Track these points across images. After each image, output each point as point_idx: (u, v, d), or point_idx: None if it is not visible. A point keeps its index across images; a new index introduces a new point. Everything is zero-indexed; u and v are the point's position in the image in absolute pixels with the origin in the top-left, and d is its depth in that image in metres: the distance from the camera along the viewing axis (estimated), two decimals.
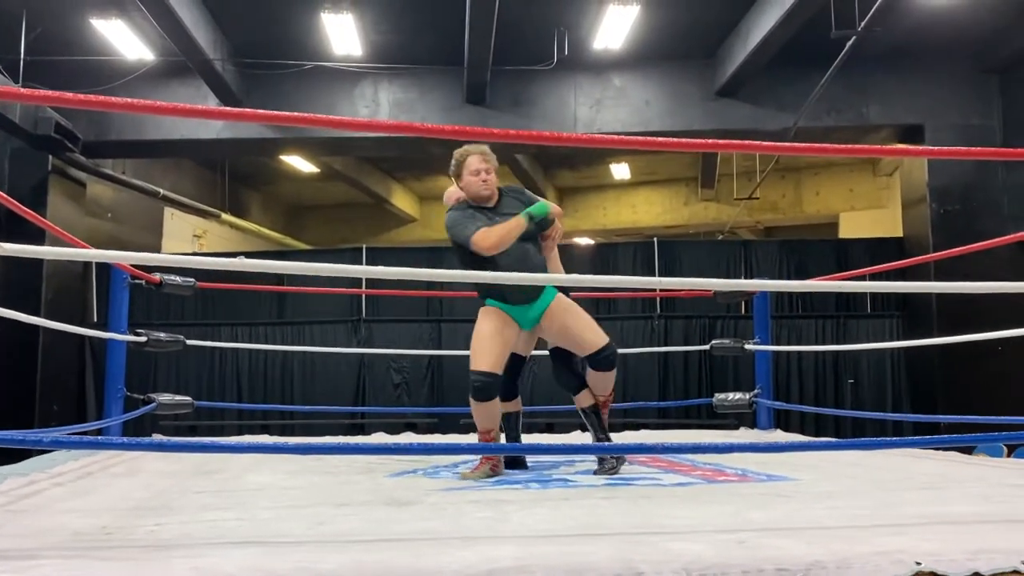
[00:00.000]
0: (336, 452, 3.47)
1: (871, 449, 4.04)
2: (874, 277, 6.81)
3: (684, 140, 2.89)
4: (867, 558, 1.78)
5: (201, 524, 2.30)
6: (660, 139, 2.95)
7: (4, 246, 1.89)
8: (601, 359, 3.63)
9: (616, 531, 2.12)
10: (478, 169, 3.52)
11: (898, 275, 7.66)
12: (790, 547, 1.86)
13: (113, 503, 2.74)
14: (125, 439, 2.04)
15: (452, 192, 3.81)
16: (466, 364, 8.95)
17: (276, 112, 2.47)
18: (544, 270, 3.65)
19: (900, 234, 9.39)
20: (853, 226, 12.93)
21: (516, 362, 3.77)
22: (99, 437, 2.50)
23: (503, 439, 3.67)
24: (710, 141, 2.96)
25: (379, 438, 5.68)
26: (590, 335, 3.61)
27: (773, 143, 3.19)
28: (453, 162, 3.64)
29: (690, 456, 4.13)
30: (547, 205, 3.57)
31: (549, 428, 8.26)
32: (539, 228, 3.62)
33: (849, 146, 3.65)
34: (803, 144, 2.87)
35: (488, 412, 3.47)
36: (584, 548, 1.85)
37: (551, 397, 8.61)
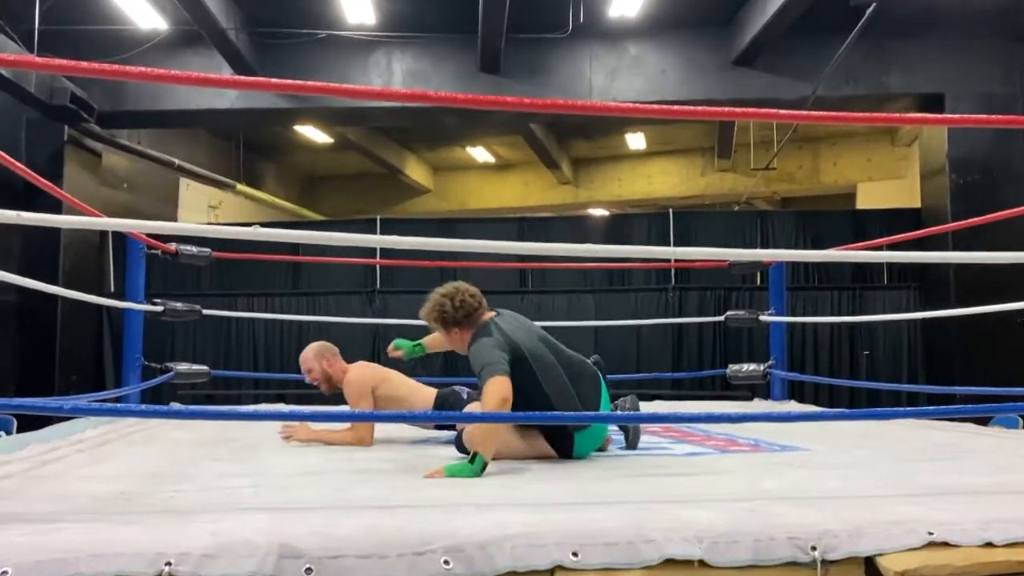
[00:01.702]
0: (350, 420, 3.50)
1: (885, 419, 4.03)
2: (891, 248, 6.75)
3: (700, 108, 2.86)
4: (880, 527, 1.78)
5: (218, 491, 2.33)
6: (675, 107, 2.94)
7: (23, 215, 1.91)
8: None
9: (628, 499, 2.14)
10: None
11: (915, 246, 7.60)
12: (802, 515, 1.87)
13: (132, 470, 2.78)
14: (143, 407, 2.06)
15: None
16: None
17: (290, 81, 2.47)
18: None
19: (918, 205, 9.29)
20: (870, 197, 12.79)
21: None
22: (118, 405, 2.53)
23: None
24: (726, 109, 2.93)
25: None
26: None
27: (790, 112, 3.14)
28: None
29: (703, 426, 4.14)
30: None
31: None
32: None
33: (868, 114, 3.61)
34: (821, 112, 2.83)
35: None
36: (596, 515, 1.86)
37: None
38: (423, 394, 3.69)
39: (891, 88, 8.40)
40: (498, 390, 2.71)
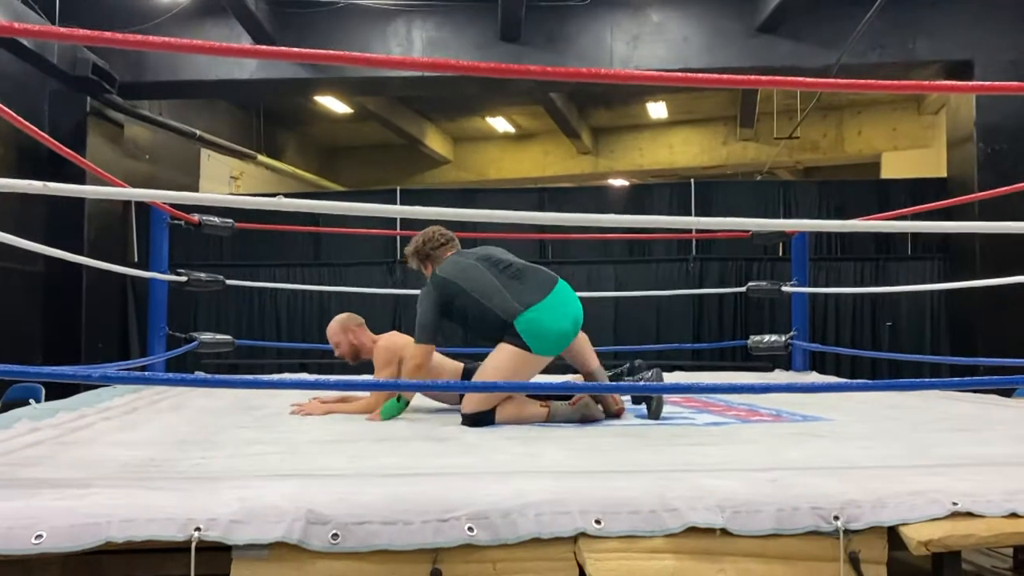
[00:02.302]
0: (372, 389, 3.53)
1: (907, 390, 4.01)
2: (916, 218, 6.67)
3: (723, 76, 2.84)
4: (902, 498, 1.78)
5: (245, 458, 2.36)
6: (698, 75, 2.89)
7: (49, 185, 1.93)
8: None
9: (650, 468, 2.15)
10: None
11: (941, 215, 7.50)
12: (824, 486, 1.87)
13: (159, 437, 2.83)
14: (170, 375, 2.09)
15: None
16: None
17: (310, 50, 2.46)
18: None
19: (944, 175, 9.15)
20: (895, 166, 12.60)
21: None
22: (146, 373, 2.57)
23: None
24: (750, 78, 2.90)
25: None
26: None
27: (815, 80, 3.09)
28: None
29: (725, 396, 4.14)
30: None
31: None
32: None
33: (893, 82, 3.53)
34: (846, 80, 2.77)
35: None
36: (618, 484, 1.87)
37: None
38: (450, 367, 3.70)
39: (918, 55, 8.24)
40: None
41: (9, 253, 3.37)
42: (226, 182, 12.27)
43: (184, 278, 5.13)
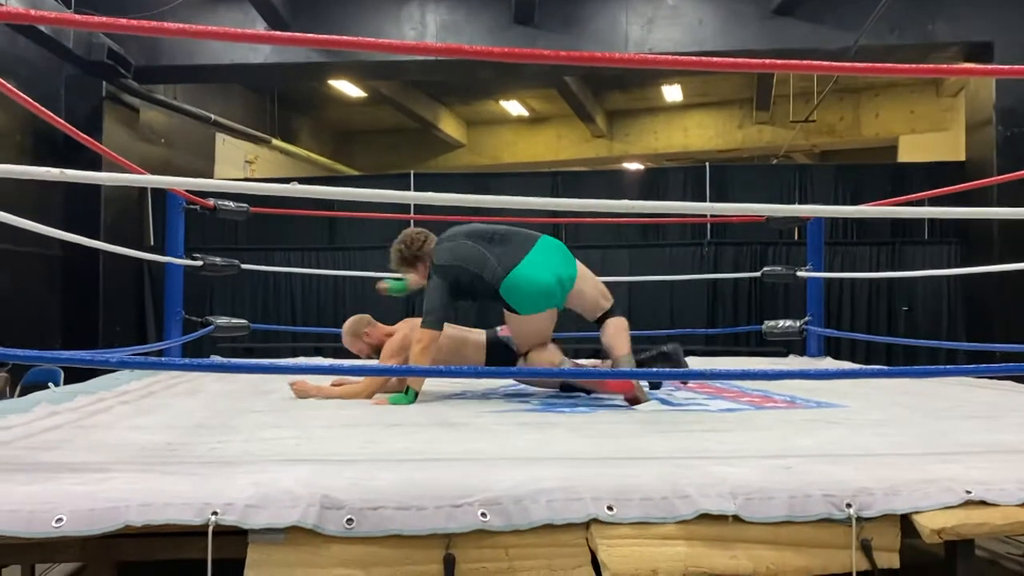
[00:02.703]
0: (386, 374, 3.55)
1: (923, 377, 3.99)
2: (933, 203, 6.61)
3: (739, 60, 2.80)
4: (915, 486, 1.78)
5: (260, 442, 2.38)
6: (714, 59, 2.86)
7: (66, 172, 1.94)
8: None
9: (662, 455, 2.15)
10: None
11: (958, 199, 7.42)
12: (837, 473, 1.87)
13: (176, 421, 2.86)
14: (187, 360, 2.11)
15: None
16: None
17: (325, 36, 2.45)
18: None
19: (962, 158, 9.06)
20: (913, 150, 12.49)
21: None
22: (163, 359, 2.60)
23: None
24: (766, 61, 2.86)
25: None
26: None
27: (832, 63, 3.05)
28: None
29: (738, 382, 4.14)
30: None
31: (596, 354, 8.32)
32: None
33: (912, 66, 3.51)
34: (863, 64, 2.73)
35: None
36: (630, 470, 1.88)
37: (596, 324, 8.64)
38: (473, 340, 3.69)
39: (937, 37, 8.14)
40: (420, 339, 3.35)
41: (28, 237, 3.42)
42: (241, 166, 12.30)
43: (200, 262, 5.15)
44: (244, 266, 5.61)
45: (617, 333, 3.61)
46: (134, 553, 1.65)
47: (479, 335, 3.71)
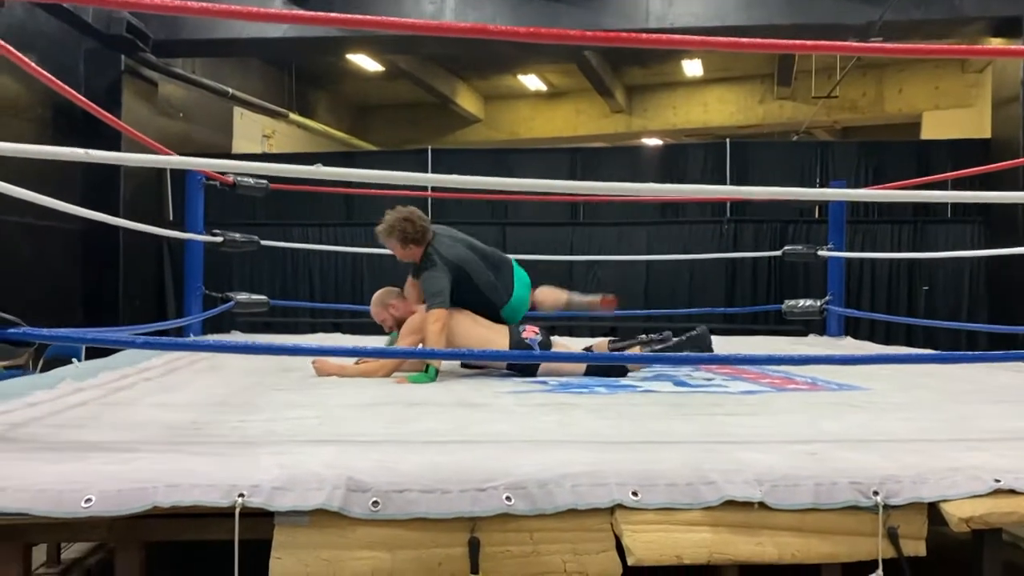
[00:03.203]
0: (410, 357, 3.56)
1: (952, 363, 3.93)
2: (957, 183, 6.52)
3: (762, 41, 2.76)
4: (943, 474, 1.77)
5: (284, 422, 2.40)
6: (734, 39, 2.83)
7: (91, 153, 1.94)
8: None
9: (686, 439, 2.14)
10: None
11: (983, 179, 7.31)
12: (863, 460, 1.86)
13: (200, 399, 2.88)
14: (213, 341, 2.12)
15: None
16: (530, 268, 8.98)
17: (345, 16, 2.44)
18: None
19: (988, 135, 8.92)
20: (937, 127, 12.30)
21: None
22: (190, 340, 2.61)
23: None
24: (791, 42, 2.82)
25: None
26: None
27: (857, 44, 3.00)
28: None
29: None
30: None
31: (612, 332, 8.32)
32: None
33: (939, 46, 3.42)
34: (889, 45, 2.66)
35: None
36: (654, 455, 1.88)
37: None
38: (493, 345, 3.70)
39: (964, 11, 7.97)
40: (436, 319, 3.48)
41: (49, 211, 3.45)
42: (258, 141, 12.30)
43: (220, 239, 5.17)
44: (264, 242, 5.62)
45: (549, 291, 4.16)
46: (161, 533, 1.66)
47: (503, 337, 3.69)
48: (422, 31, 6.74)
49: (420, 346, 3.53)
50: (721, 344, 5.03)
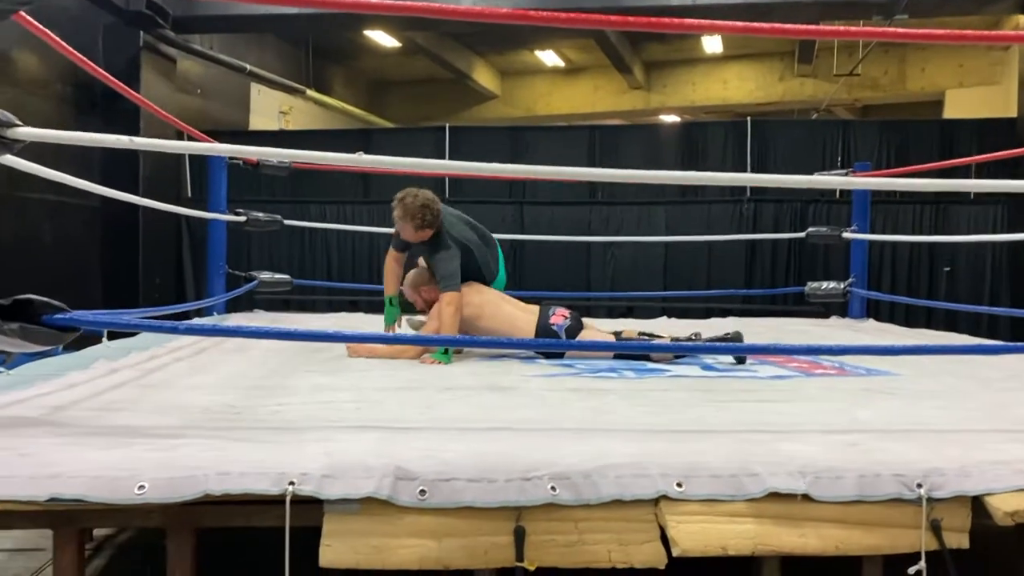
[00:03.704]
0: (435, 344, 3.57)
1: (996, 354, 3.86)
2: (982, 166, 6.45)
3: (785, 26, 2.73)
4: (987, 467, 1.76)
5: (319, 405, 2.41)
6: (755, 24, 2.81)
7: (135, 140, 1.94)
8: None
9: (724, 428, 2.15)
10: (397, 224, 3.86)
11: (1009, 162, 7.22)
12: (905, 452, 1.86)
13: (233, 381, 2.90)
14: (254, 328, 2.13)
15: None
16: (548, 248, 8.93)
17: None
18: None
19: (1014, 114, 8.80)
20: (960, 105, 12.14)
21: None
22: (222, 325, 2.63)
23: None
24: (811, 27, 2.77)
25: None
26: None
27: (881, 29, 2.96)
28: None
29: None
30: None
31: (629, 312, 8.31)
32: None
33: (963, 32, 3.33)
34: (912, 30, 2.59)
35: None
36: (696, 446, 1.88)
37: (631, 282, 8.61)
38: (521, 332, 3.70)
39: None
40: (450, 302, 3.57)
41: (69, 188, 3.47)
42: (275, 117, 12.29)
43: (243, 218, 5.18)
44: (286, 222, 5.63)
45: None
46: (211, 520, 1.68)
47: (530, 322, 3.69)
48: (433, 14, 6.68)
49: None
50: (743, 326, 5.00)
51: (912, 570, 1.69)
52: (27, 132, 1.84)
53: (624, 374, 3.26)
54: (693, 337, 3.82)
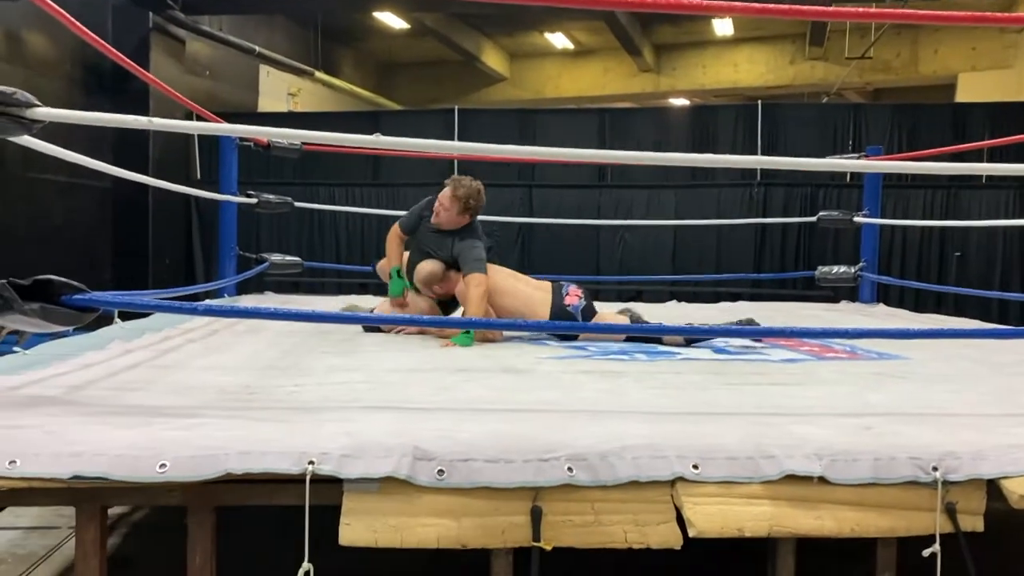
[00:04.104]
0: (447, 326, 3.58)
1: (1006, 339, 3.86)
2: (994, 150, 6.41)
3: (790, 7, 2.72)
4: (1003, 451, 1.77)
5: (335, 386, 2.43)
6: (767, 5, 2.79)
7: (154, 121, 1.95)
8: None
9: (739, 411, 2.15)
10: (440, 200, 3.79)
11: (1022, 146, 7.18)
12: (919, 435, 1.86)
13: (247, 362, 2.91)
14: (263, 308, 2.15)
15: None
16: (557, 231, 8.94)
17: None
18: None
19: None
20: (972, 89, 12.05)
21: None
22: (239, 306, 2.65)
23: None
24: (823, 8, 2.76)
25: None
26: None
27: (887, 9, 2.93)
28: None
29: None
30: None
31: (638, 296, 8.31)
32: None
33: (977, 14, 3.29)
34: (924, 11, 2.54)
35: None
36: (710, 428, 1.89)
37: (640, 266, 8.61)
38: (538, 312, 3.72)
39: None
40: (479, 283, 3.58)
41: (81, 169, 3.48)
42: (284, 99, 12.27)
43: (254, 200, 5.19)
44: (297, 204, 5.64)
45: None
46: (231, 498, 1.70)
47: (545, 301, 3.70)
48: None
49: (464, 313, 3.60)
50: (753, 310, 5.02)
51: (927, 552, 1.70)
52: (46, 112, 1.85)
53: (636, 357, 3.27)
54: (744, 322, 3.84)
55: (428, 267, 3.82)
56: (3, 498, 1.66)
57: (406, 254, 4.01)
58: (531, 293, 3.74)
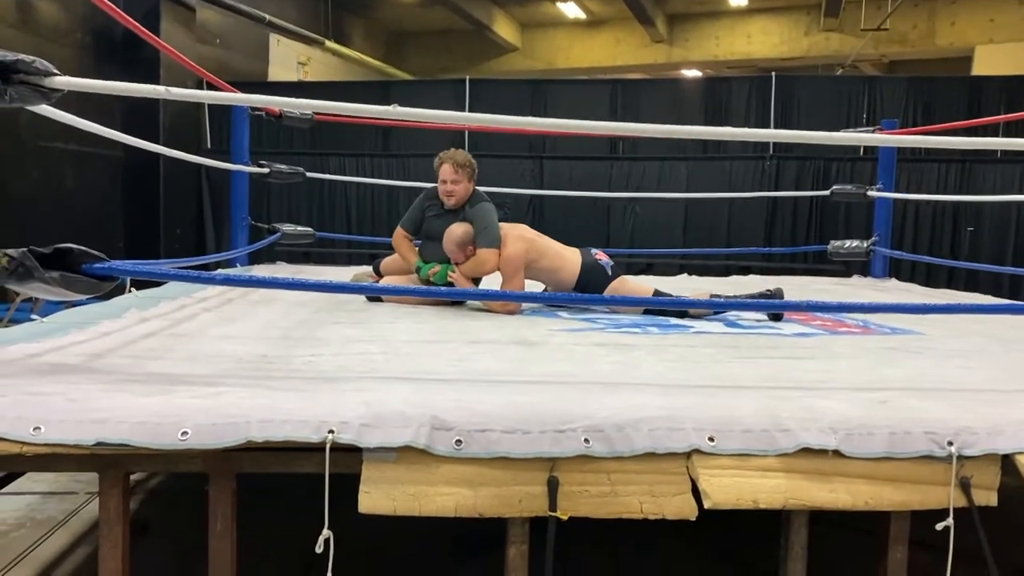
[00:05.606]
0: (458, 297, 3.59)
1: (1020, 314, 3.85)
2: (1009, 124, 6.35)
3: None
4: (1018, 426, 1.77)
5: (351, 356, 2.44)
6: None
7: (172, 90, 1.95)
8: None
9: (754, 384, 2.16)
10: (444, 179, 3.90)
11: None
12: (936, 410, 1.87)
13: (263, 331, 2.93)
14: (280, 278, 2.15)
15: None
16: (567, 203, 8.93)
17: None
18: None
19: None
20: (989, 61, 11.90)
21: None
22: (257, 275, 2.66)
23: None
24: None
25: None
26: None
27: None
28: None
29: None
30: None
31: (649, 268, 8.30)
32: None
33: None
34: None
35: None
36: (726, 401, 1.90)
37: (651, 239, 8.59)
38: (569, 266, 3.79)
39: None
40: (489, 259, 3.73)
41: (92, 138, 3.48)
42: (294, 68, 12.21)
43: (267, 170, 5.19)
44: (308, 174, 5.63)
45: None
46: (251, 465, 1.72)
47: (574, 264, 3.77)
48: None
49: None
50: (764, 284, 4.99)
51: (940, 526, 1.71)
52: (65, 81, 1.85)
53: (649, 330, 3.27)
54: (768, 293, 3.86)
55: (459, 228, 3.83)
56: (27, 463, 1.68)
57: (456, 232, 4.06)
58: (561, 250, 3.84)
